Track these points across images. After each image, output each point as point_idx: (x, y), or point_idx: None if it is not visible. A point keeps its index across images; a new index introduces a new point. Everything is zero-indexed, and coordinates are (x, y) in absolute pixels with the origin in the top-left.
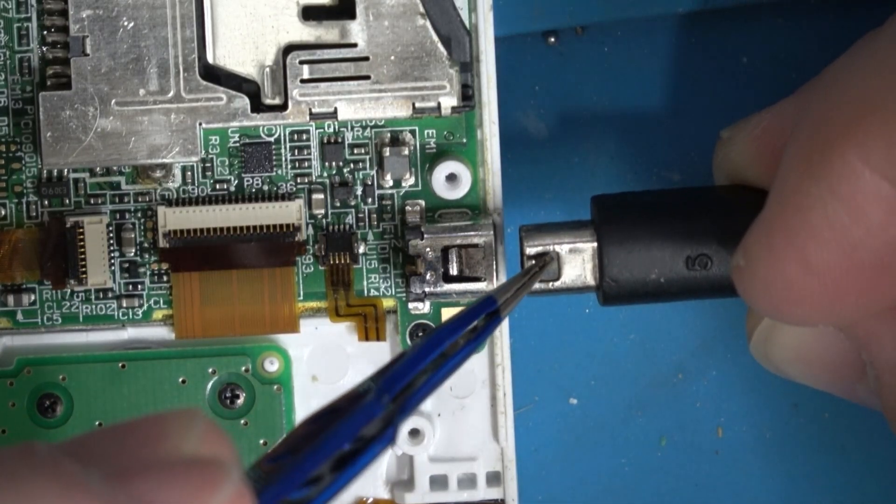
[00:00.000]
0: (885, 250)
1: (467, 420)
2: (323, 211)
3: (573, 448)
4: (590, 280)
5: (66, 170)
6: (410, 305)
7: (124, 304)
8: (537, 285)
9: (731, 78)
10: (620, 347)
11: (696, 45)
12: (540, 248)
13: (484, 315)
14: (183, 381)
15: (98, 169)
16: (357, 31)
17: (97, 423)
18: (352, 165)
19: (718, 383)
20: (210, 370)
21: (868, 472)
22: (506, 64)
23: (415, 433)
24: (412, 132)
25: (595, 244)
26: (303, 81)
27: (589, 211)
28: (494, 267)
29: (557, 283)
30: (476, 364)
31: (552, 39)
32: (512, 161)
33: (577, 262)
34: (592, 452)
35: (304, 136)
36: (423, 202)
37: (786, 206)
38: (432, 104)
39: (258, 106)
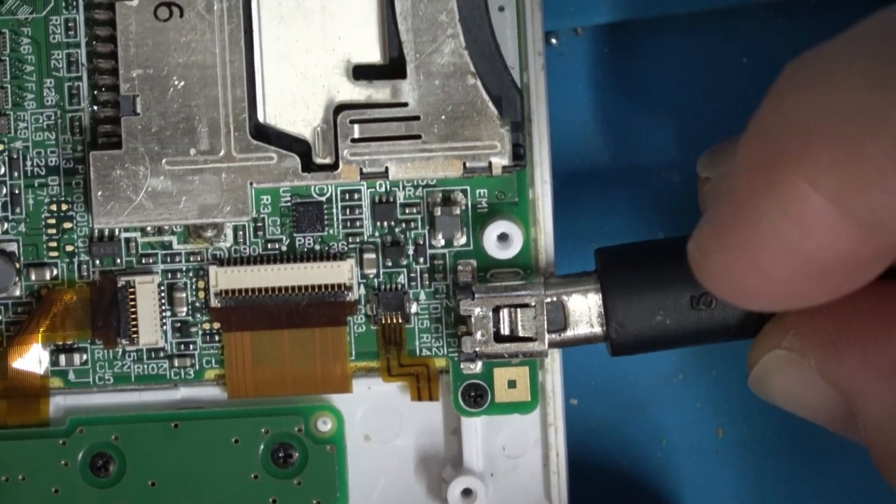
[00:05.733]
0: (835, 260)
1: (519, 480)
2: (374, 270)
3: (573, 448)
4: (597, 329)
5: (117, 229)
6: (462, 365)
7: (176, 364)
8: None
9: (731, 78)
10: None
11: (696, 45)
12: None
13: None
14: (236, 441)
15: (149, 228)
16: (408, 90)
17: (150, 482)
18: (403, 225)
19: (718, 384)
20: (263, 430)
21: (868, 472)
22: None
23: (467, 493)
24: (463, 191)
25: (600, 294)
26: (353, 141)
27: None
28: (546, 326)
29: (566, 334)
30: (528, 423)
31: (552, 40)
32: None
33: (584, 313)
34: (592, 452)
35: (356, 196)
36: (474, 262)
37: (737, 213)
38: (483, 164)
39: (309, 165)
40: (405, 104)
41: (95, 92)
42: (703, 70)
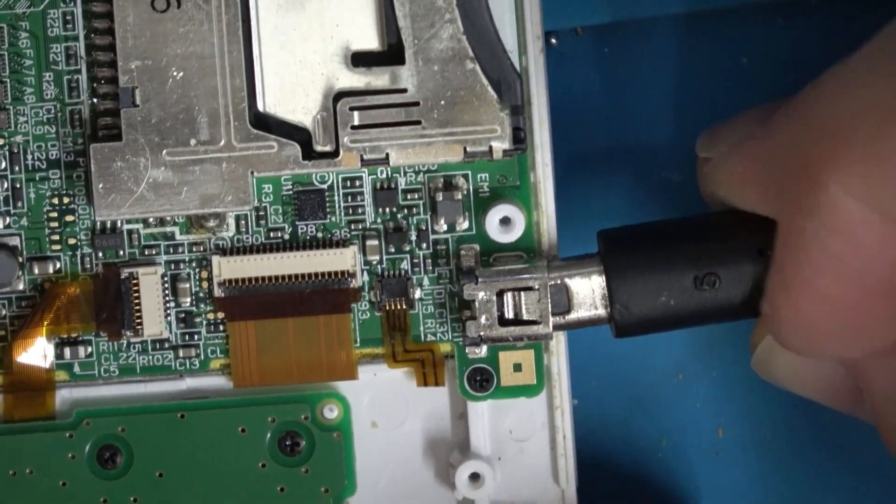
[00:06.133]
0: (890, 272)
1: (527, 463)
2: (378, 257)
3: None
4: (601, 311)
5: (119, 221)
6: (467, 350)
7: (181, 354)
8: (551, 319)
9: (731, 78)
10: (621, 347)
11: (696, 45)
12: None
13: None
14: (242, 430)
15: (151, 219)
16: (407, 76)
17: (157, 474)
18: (405, 211)
19: (719, 383)
20: (269, 418)
21: (868, 472)
22: None
23: (475, 477)
24: (465, 176)
25: (604, 276)
26: (353, 128)
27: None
28: (549, 309)
29: (570, 316)
30: (535, 407)
31: (552, 40)
32: None
33: (588, 295)
34: (593, 452)
35: (357, 183)
36: (477, 246)
37: (788, 246)
38: (484, 148)
39: (310, 153)
40: (404, 90)
41: (95, 84)
42: (703, 70)
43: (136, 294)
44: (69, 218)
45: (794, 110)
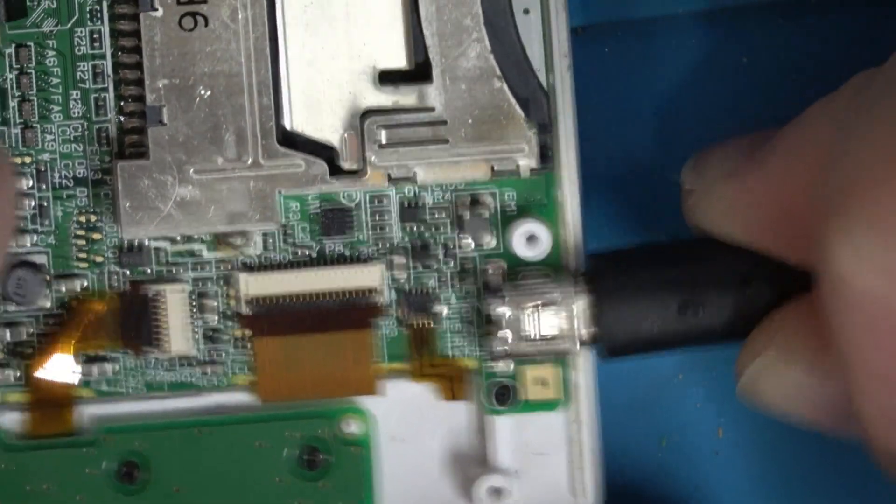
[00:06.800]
0: None
1: (549, 478)
2: (404, 274)
3: None
4: (585, 333)
5: (145, 239)
6: (492, 365)
7: (207, 371)
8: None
9: (731, 78)
10: None
11: (696, 45)
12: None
13: None
14: (263, 445)
15: (178, 237)
16: (434, 94)
17: (176, 489)
18: (432, 228)
19: (718, 384)
20: (290, 433)
21: (867, 472)
22: None
23: (496, 491)
24: (491, 194)
25: (590, 298)
26: (381, 146)
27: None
28: (575, 325)
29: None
30: (555, 420)
31: None
32: None
33: (575, 317)
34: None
35: (384, 201)
36: (503, 263)
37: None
38: (511, 166)
39: (336, 171)
40: (432, 109)
41: (122, 103)
42: (703, 70)
43: (162, 311)
44: (96, 236)
45: (785, 144)
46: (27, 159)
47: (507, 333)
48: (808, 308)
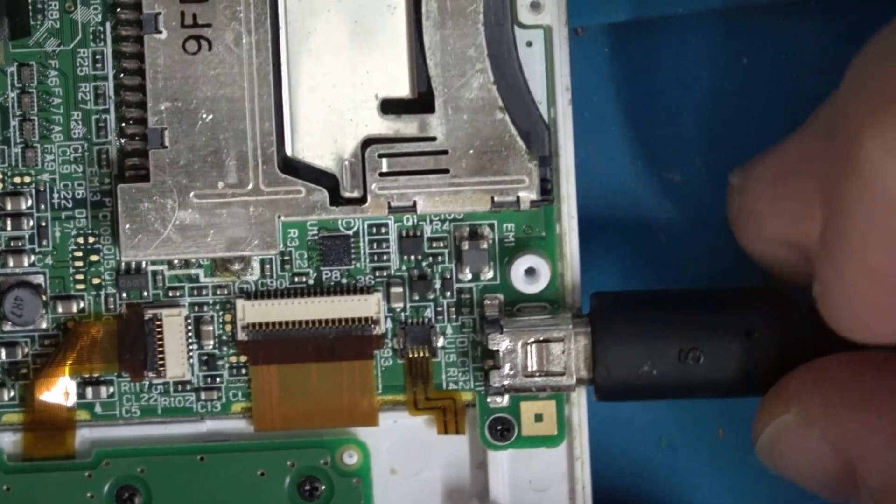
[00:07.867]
0: None
1: None
2: (401, 304)
3: None
4: (584, 372)
5: (144, 262)
6: (489, 399)
7: (203, 397)
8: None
9: (731, 78)
10: None
11: (696, 45)
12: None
13: None
14: (262, 474)
15: (176, 261)
16: (436, 124)
17: None
18: (430, 259)
19: None
20: (289, 463)
21: None
22: None
23: None
24: (491, 226)
25: (590, 338)
26: (381, 175)
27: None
28: (573, 363)
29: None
30: (555, 457)
31: None
32: None
33: (573, 355)
34: (593, 453)
35: (383, 230)
36: (501, 296)
37: (833, 216)
38: (511, 198)
39: (337, 199)
40: (433, 138)
41: (123, 124)
42: (703, 70)
43: (159, 335)
44: (94, 258)
45: (839, 88)
46: (27, 179)
47: (506, 368)
48: (823, 372)
